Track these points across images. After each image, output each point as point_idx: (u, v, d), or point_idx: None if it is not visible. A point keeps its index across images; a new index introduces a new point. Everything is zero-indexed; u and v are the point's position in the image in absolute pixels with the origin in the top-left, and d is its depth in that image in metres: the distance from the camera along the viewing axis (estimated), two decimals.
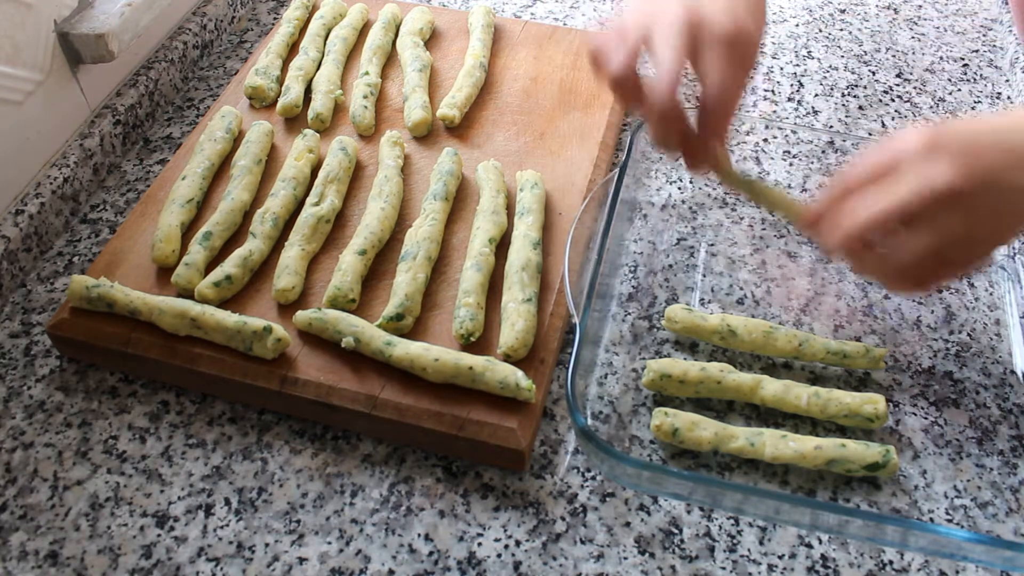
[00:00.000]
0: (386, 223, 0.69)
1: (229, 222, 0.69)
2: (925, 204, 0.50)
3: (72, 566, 0.56)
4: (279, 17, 0.98)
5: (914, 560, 0.56)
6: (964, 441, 0.62)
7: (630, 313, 0.69)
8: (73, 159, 0.76)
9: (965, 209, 0.49)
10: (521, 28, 0.91)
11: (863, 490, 0.59)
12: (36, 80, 0.72)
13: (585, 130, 0.80)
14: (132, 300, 0.63)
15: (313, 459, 0.61)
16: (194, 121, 0.86)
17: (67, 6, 0.75)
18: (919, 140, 0.51)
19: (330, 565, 0.56)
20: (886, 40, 0.97)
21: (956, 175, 0.49)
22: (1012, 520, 0.58)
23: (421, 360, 0.60)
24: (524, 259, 0.66)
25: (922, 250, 0.51)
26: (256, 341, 0.61)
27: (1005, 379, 0.65)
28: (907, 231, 0.51)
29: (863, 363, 0.64)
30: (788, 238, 0.74)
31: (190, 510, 0.58)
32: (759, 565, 0.56)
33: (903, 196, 0.50)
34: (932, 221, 0.50)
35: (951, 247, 0.51)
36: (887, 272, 0.54)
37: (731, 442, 0.59)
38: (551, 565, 0.56)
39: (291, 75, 0.83)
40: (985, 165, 0.49)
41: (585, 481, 0.60)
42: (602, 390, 0.64)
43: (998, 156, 0.49)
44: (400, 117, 0.81)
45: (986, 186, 0.49)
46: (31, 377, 0.65)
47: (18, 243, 0.70)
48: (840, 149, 0.80)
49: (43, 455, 0.61)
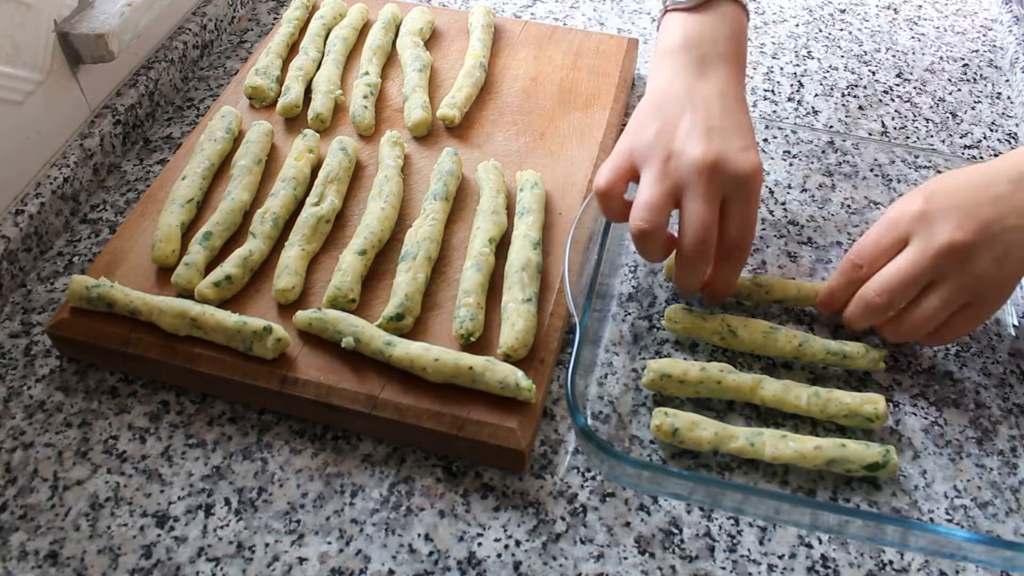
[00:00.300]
0: (386, 223, 0.69)
1: (229, 222, 0.69)
2: (932, 263, 0.56)
3: (72, 566, 0.56)
4: (279, 17, 0.98)
5: (914, 560, 0.56)
6: (964, 441, 0.62)
7: (630, 313, 0.69)
8: (73, 159, 0.76)
9: (968, 259, 0.55)
10: (521, 28, 0.91)
11: (863, 490, 0.59)
12: (36, 80, 0.72)
13: (585, 130, 0.80)
14: (132, 300, 0.63)
15: (313, 459, 0.61)
16: (194, 121, 0.86)
17: (67, 6, 0.75)
18: (914, 209, 0.57)
19: (330, 565, 0.56)
20: (886, 40, 0.97)
21: (953, 231, 0.55)
22: (1012, 520, 0.58)
23: (421, 360, 0.60)
24: (524, 259, 0.66)
25: (942, 304, 0.57)
26: (256, 341, 0.61)
27: (1005, 379, 0.65)
28: (925, 292, 0.58)
29: (863, 363, 0.63)
30: (788, 238, 0.74)
31: (190, 510, 0.58)
32: (759, 565, 0.56)
33: (912, 261, 0.57)
34: (943, 277, 0.56)
35: (965, 295, 0.57)
36: (916, 331, 0.60)
37: (731, 442, 0.59)
38: (551, 565, 0.56)
39: (291, 75, 0.83)
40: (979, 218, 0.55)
41: (585, 481, 0.60)
42: (602, 390, 0.64)
43: (989, 209, 0.55)
44: (400, 117, 0.81)
45: (983, 235, 0.55)
46: (31, 377, 0.65)
47: (18, 243, 0.70)
48: (840, 149, 0.80)
49: (43, 455, 0.61)
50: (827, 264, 0.72)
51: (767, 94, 0.89)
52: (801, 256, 0.73)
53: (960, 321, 0.59)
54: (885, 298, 0.58)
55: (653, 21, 0.99)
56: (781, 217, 0.76)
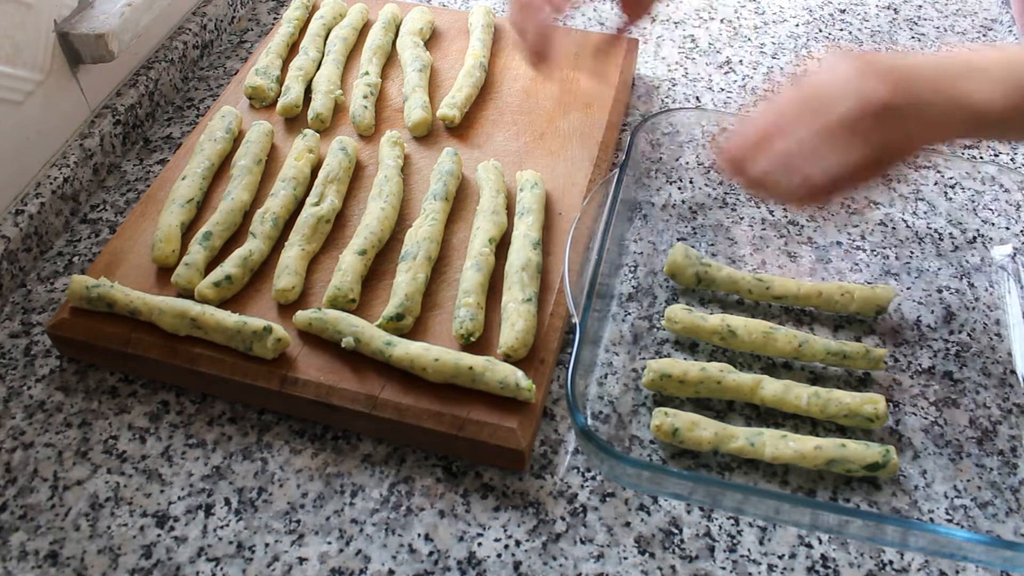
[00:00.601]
0: (386, 223, 0.69)
1: (229, 222, 0.69)
2: (862, 117, 0.55)
3: (72, 566, 0.56)
4: (279, 17, 0.98)
5: (914, 560, 0.56)
6: (964, 441, 0.62)
7: (630, 313, 0.69)
8: (73, 159, 0.76)
9: (894, 122, 0.55)
10: None
11: (863, 490, 0.59)
12: (36, 80, 0.72)
13: (585, 130, 0.79)
14: (132, 300, 0.63)
15: (313, 459, 0.61)
16: (194, 121, 0.86)
17: (67, 6, 0.75)
18: (852, 66, 0.57)
19: (330, 565, 0.56)
20: (886, 40, 0.97)
21: (889, 92, 0.54)
22: (1012, 520, 0.58)
23: (421, 360, 0.60)
24: (524, 259, 0.66)
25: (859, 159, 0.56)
26: (256, 341, 0.61)
27: (1005, 379, 0.65)
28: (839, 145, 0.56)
29: (863, 363, 0.63)
30: (788, 238, 0.74)
31: (190, 510, 0.58)
32: (759, 565, 0.56)
33: (843, 112, 0.56)
34: (866, 134, 0.55)
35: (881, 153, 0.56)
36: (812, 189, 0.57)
37: (731, 442, 0.59)
38: (551, 565, 0.56)
39: (291, 75, 0.83)
40: (913, 88, 0.55)
41: (585, 481, 0.60)
42: (602, 390, 0.64)
43: (923, 84, 0.56)
44: (400, 117, 0.81)
45: (913, 105, 0.55)
46: (31, 377, 0.65)
47: (18, 243, 0.70)
48: None
49: (43, 455, 0.61)
50: (827, 264, 0.72)
51: (767, 94, 0.89)
52: (801, 256, 0.73)
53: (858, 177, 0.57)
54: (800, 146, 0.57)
55: (653, 21, 0.99)
56: (781, 217, 0.76)
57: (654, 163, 0.80)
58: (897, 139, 0.56)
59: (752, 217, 0.76)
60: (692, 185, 0.79)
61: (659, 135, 0.79)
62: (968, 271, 0.72)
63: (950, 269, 0.72)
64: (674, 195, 0.78)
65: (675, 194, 0.78)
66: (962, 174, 0.78)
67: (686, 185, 0.79)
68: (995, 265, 0.72)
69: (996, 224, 0.75)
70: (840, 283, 0.68)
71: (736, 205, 0.77)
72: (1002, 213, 0.76)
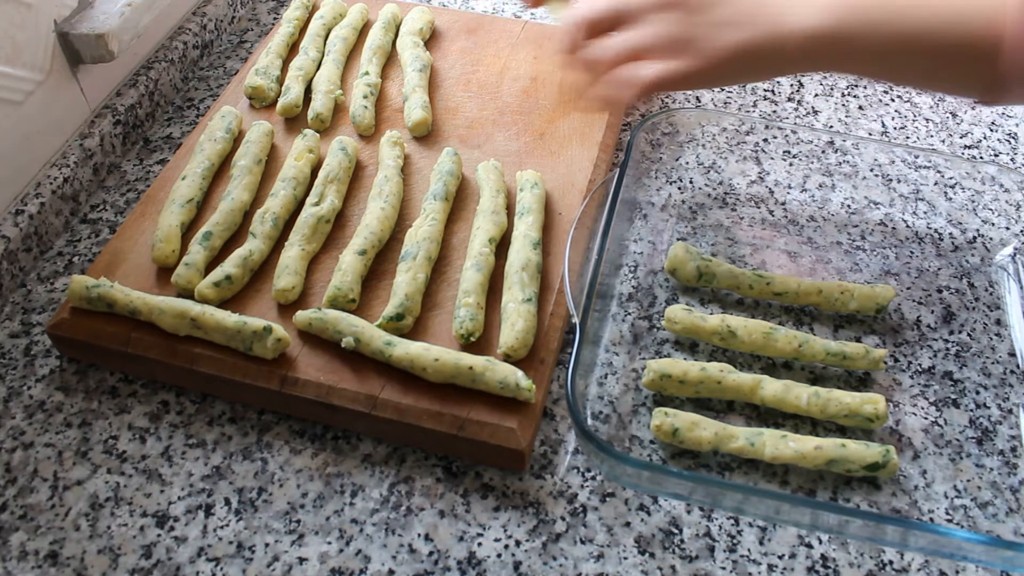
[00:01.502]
0: (386, 223, 0.69)
1: (229, 222, 0.69)
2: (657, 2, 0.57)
3: (72, 566, 0.56)
4: (279, 17, 0.98)
5: (914, 560, 0.56)
6: (964, 441, 0.62)
7: (630, 313, 0.69)
8: (73, 159, 0.76)
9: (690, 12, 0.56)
10: (521, 28, 0.91)
11: (863, 490, 0.59)
12: (36, 80, 0.72)
13: (585, 130, 0.80)
14: (132, 300, 0.63)
15: (313, 459, 0.61)
16: (194, 121, 0.86)
17: (67, 6, 0.75)
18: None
19: (330, 565, 0.56)
20: None
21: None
22: (1012, 520, 0.58)
23: (421, 360, 0.60)
24: (524, 259, 0.66)
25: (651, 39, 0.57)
26: (256, 341, 0.61)
27: (1005, 379, 0.65)
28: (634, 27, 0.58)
29: (863, 364, 0.64)
30: (788, 238, 0.74)
31: (190, 510, 0.58)
32: (759, 565, 0.56)
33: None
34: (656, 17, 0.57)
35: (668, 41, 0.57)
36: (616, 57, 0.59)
37: (731, 442, 0.59)
38: (551, 565, 0.56)
39: (291, 75, 0.83)
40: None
41: (585, 481, 0.60)
42: (602, 390, 0.64)
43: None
44: (400, 117, 0.81)
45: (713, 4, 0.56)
46: (31, 377, 0.65)
47: (18, 243, 0.70)
48: (840, 149, 0.80)
49: (43, 455, 0.61)
50: (827, 264, 0.72)
51: (767, 94, 0.89)
52: (801, 256, 0.73)
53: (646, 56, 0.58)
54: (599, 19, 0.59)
55: None
56: (781, 217, 0.76)
57: (654, 163, 0.80)
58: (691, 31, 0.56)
59: (752, 217, 0.76)
60: (692, 185, 0.79)
61: (659, 135, 0.79)
62: (968, 271, 0.72)
63: (950, 269, 0.72)
64: (674, 195, 0.78)
65: (675, 194, 0.78)
66: (962, 174, 0.78)
67: (686, 185, 0.79)
68: (995, 265, 0.72)
69: (996, 224, 0.75)
70: (840, 282, 0.68)
71: (736, 205, 0.77)
72: (1002, 213, 0.76)
